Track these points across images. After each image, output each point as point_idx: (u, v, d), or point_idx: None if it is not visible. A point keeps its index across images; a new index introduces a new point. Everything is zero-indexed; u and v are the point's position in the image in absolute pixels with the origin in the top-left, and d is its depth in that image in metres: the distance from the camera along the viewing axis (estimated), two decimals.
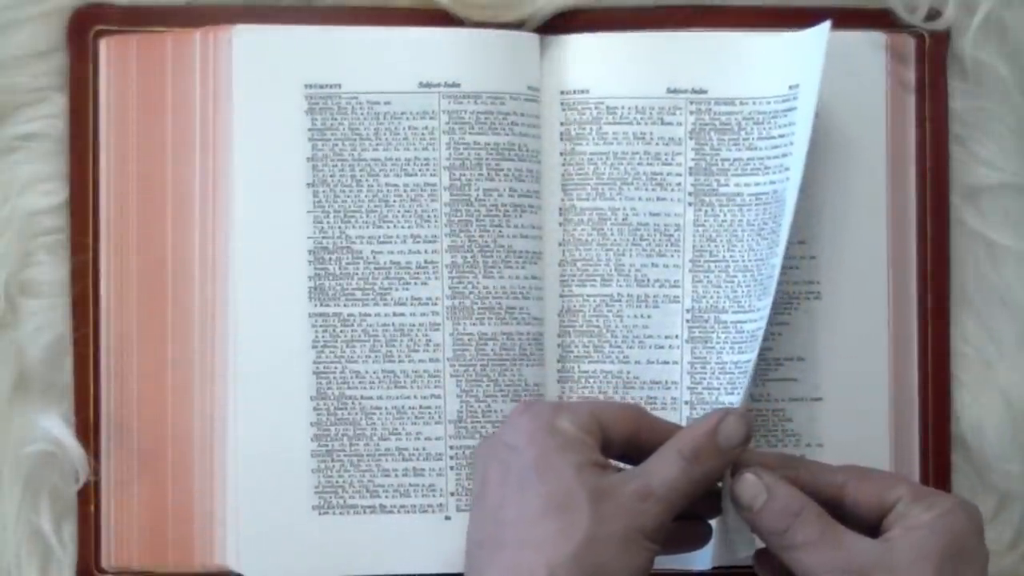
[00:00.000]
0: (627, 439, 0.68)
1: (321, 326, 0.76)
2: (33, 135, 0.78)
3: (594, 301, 0.77)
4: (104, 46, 0.77)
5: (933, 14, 0.78)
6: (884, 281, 0.78)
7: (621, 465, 0.68)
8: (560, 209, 0.77)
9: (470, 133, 0.76)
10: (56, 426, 0.77)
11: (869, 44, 0.78)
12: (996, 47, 0.78)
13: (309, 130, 0.76)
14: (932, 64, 0.78)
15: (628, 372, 0.77)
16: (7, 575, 0.77)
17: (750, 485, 0.66)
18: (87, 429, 0.77)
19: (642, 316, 0.77)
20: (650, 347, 0.77)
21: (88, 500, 0.77)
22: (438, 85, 0.77)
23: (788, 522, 0.65)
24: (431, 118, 0.77)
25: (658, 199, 0.77)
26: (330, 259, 0.76)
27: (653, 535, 0.64)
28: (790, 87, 0.76)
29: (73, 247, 0.77)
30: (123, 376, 0.77)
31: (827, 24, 0.72)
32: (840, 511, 0.66)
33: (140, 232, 0.77)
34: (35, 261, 0.78)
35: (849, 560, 0.63)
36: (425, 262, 0.76)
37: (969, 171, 0.79)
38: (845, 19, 0.77)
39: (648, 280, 0.77)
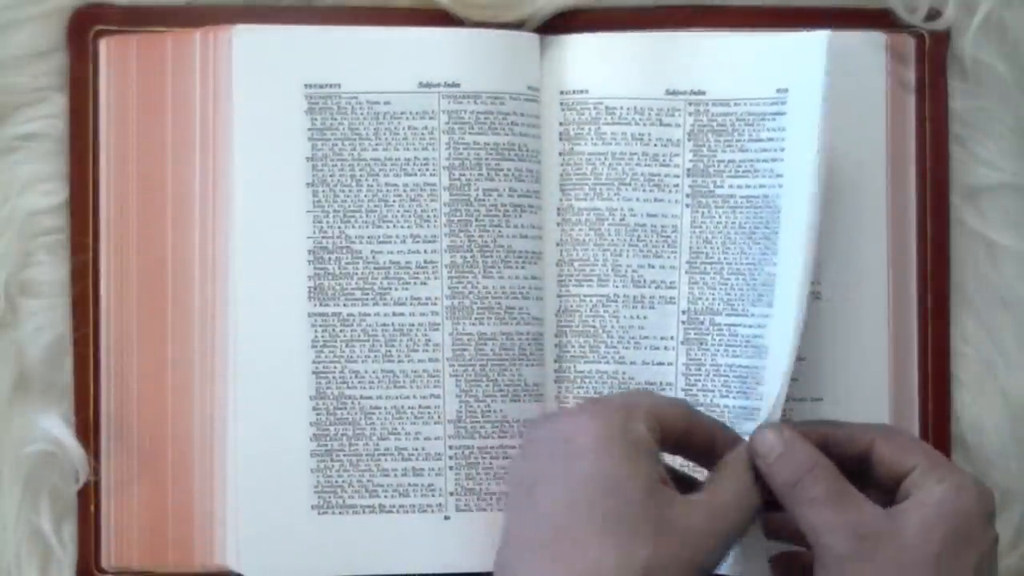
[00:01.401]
0: (678, 437, 0.67)
1: (320, 326, 0.76)
2: (33, 135, 0.78)
3: (591, 301, 0.77)
4: (104, 46, 0.77)
5: (933, 14, 0.78)
6: (884, 281, 0.77)
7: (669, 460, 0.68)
8: (558, 209, 0.77)
9: (470, 133, 0.76)
10: (56, 426, 0.77)
11: (869, 44, 0.77)
12: (996, 47, 0.78)
13: (309, 130, 0.76)
14: (932, 64, 0.78)
15: (624, 372, 0.77)
16: (7, 575, 0.77)
17: (769, 437, 0.67)
18: (87, 429, 0.77)
19: (638, 317, 0.77)
20: (646, 348, 0.77)
21: (88, 500, 0.77)
22: (438, 85, 0.77)
23: (800, 475, 0.65)
24: (431, 118, 0.77)
25: (656, 200, 0.77)
26: (330, 259, 0.76)
27: (707, 570, 0.64)
28: (778, 90, 0.75)
29: (73, 247, 0.77)
30: (123, 376, 0.77)
31: (823, 34, 0.71)
32: (866, 468, 0.67)
33: (140, 232, 0.77)
34: (35, 261, 0.78)
35: (856, 523, 0.64)
36: (425, 262, 0.76)
37: (969, 171, 0.79)
38: (845, 19, 0.77)
39: (644, 281, 0.77)
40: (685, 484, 0.68)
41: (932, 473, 0.65)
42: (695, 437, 0.68)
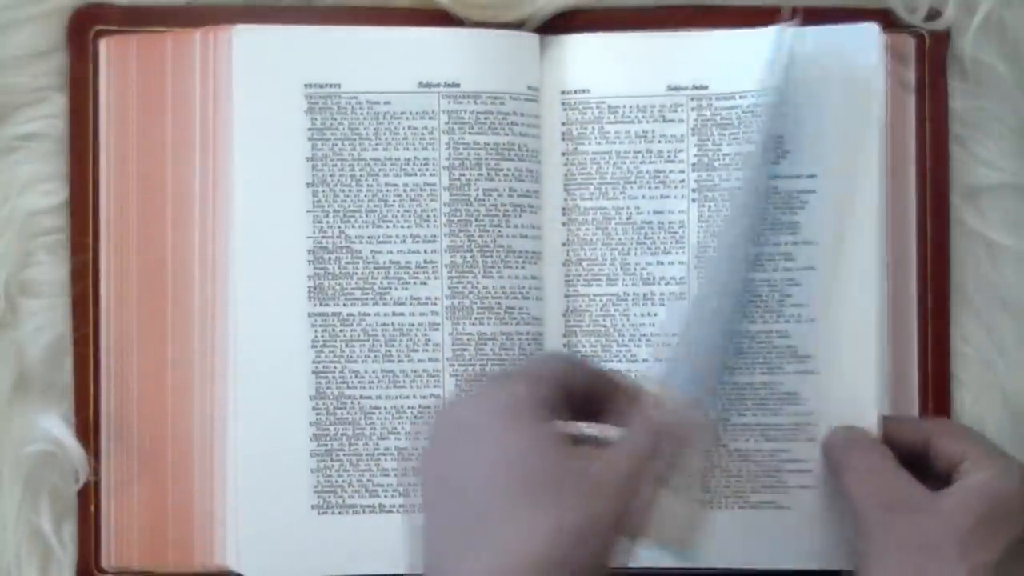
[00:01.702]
0: (583, 395, 0.65)
1: (320, 325, 0.76)
2: (33, 135, 0.78)
3: (600, 300, 0.77)
4: (104, 46, 0.77)
5: (933, 14, 0.78)
6: (884, 281, 0.77)
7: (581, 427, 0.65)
8: (564, 209, 0.77)
9: (470, 133, 0.76)
10: (56, 426, 0.76)
11: (869, 44, 0.77)
12: (996, 47, 0.78)
13: (309, 130, 0.76)
14: (932, 64, 0.78)
15: (636, 371, 0.77)
16: (7, 575, 0.77)
17: (837, 430, 0.73)
18: (87, 429, 0.77)
19: (649, 315, 0.77)
20: (658, 345, 0.77)
21: (88, 500, 0.77)
22: (438, 85, 0.77)
23: (850, 445, 0.70)
24: (431, 118, 0.77)
25: (662, 197, 0.77)
26: (329, 259, 0.76)
27: (629, 525, 0.61)
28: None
29: (73, 247, 0.77)
30: (123, 376, 0.77)
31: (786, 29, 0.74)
32: (926, 461, 0.70)
33: (140, 232, 0.77)
34: (35, 261, 0.78)
35: (893, 495, 0.67)
36: (424, 262, 0.76)
37: (969, 171, 0.79)
38: (845, 19, 0.77)
39: (654, 278, 0.77)
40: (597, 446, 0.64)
41: (981, 460, 0.68)
42: (598, 392, 0.65)
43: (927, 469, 0.70)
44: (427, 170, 0.76)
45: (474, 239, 0.76)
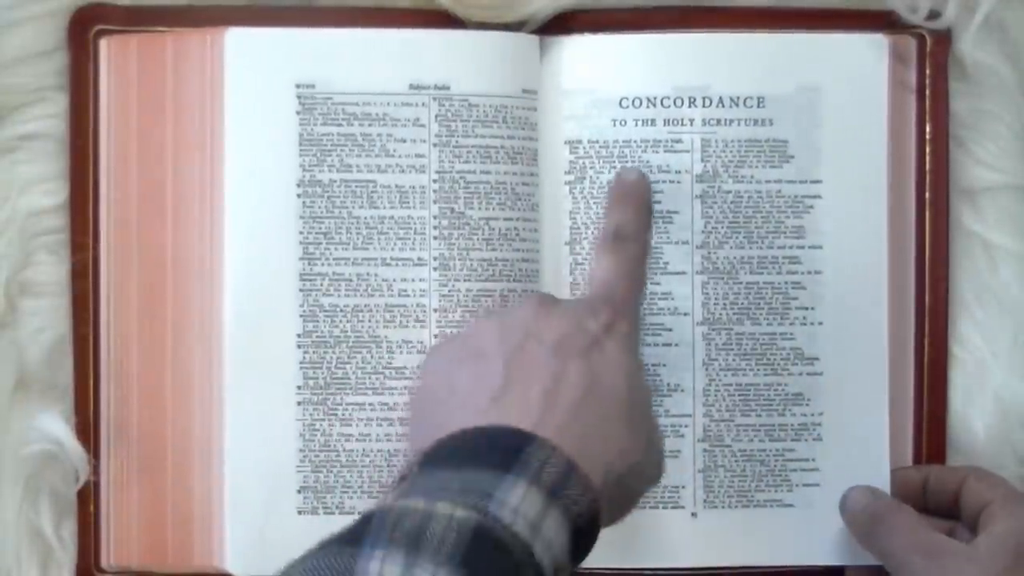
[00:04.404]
0: None
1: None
2: (33, 135, 0.78)
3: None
4: (104, 46, 0.77)
5: (934, 14, 0.78)
6: (883, 282, 0.77)
7: None
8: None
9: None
10: (56, 426, 0.76)
11: (871, 45, 0.77)
12: (996, 47, 0.78)
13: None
14: (933, 65, 0.78)
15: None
16: (7, 575, 0.77)
17: (858, 494, 0.75)
18: (87, 429, 0.77)
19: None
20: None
21: (88, 500, 0.77)
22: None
23: (883, 512, 0.73)
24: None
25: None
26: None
27: None
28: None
29: (73, 247, 0.77)
30: (123, 376, 0.77)
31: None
32: (954, 507, 0.74)
33: (140, 232, 0.77)
34: (35, 261, 0.78)
35: (931, 544, 0.70)
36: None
37: (968, 172, 0.79)
38: (846, 20, 0.78)
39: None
40: None
41: (1006, 506, 0.71)
42: None
43: (955, 514, 0.74)
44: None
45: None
